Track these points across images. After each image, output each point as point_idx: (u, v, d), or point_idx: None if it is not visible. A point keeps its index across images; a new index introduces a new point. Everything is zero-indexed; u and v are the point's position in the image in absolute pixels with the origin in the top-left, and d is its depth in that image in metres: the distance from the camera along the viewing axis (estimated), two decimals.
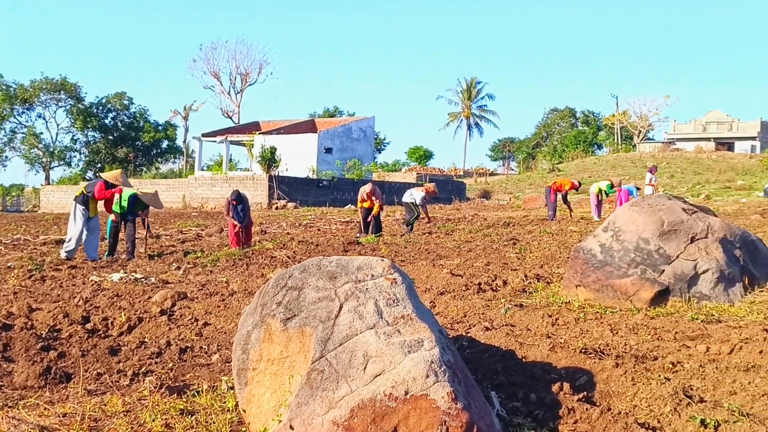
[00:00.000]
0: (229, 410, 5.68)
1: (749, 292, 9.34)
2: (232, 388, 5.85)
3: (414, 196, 22.56)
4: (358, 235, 20.93)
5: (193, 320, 9.37)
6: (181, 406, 5.76)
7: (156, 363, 7.47)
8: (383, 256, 14.82)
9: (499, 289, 10.88)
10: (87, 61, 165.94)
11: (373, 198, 20.93)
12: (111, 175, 15.97)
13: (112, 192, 15.65)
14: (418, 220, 23.16)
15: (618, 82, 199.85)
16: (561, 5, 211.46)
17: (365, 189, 21.03)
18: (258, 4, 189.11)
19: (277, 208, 41.28)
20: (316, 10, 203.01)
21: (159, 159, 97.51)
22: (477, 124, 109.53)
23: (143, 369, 7.21)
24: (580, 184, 27.91)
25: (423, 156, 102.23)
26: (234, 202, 17.35)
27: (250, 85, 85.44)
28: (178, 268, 14.15)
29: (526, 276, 11.68)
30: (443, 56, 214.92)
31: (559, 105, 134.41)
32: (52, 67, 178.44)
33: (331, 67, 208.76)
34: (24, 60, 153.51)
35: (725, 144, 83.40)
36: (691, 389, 5.88)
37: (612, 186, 26.98)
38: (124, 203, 15.82)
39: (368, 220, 21.19)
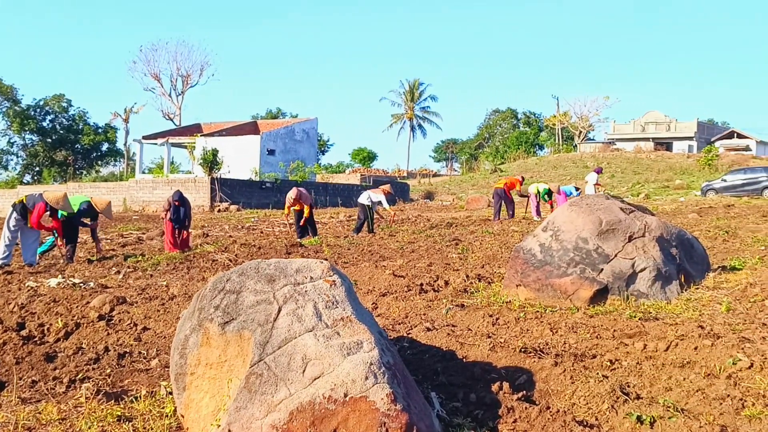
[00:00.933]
0: (167, 416, 5.62)
1: (685, 290, 9.51)
2: (171, 393, 5.79)
3: (372, 198, 22.51)
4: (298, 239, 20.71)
5: (132, 325, 9.24)
6: (119, 413, 5.68)
7: (93, 369, 7.36)
8: (325, 258, 14.79)
9: (440, 289, 10.92)
10: (23, 63, 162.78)
11: (301, 201, 20.51)
12: (53, 198, 15.42)
13: (43, 216, 15.24)
14: (375, 221, 23.24)
15: (559, 84, 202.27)
16: (502, 7, 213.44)
17: (291, 195, 20.36)
18: (199, 6, 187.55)
19: (219, 210, 40.95)
20: (258, 10, 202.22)
21: (99, 162, 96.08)
22: (420, 126, 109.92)
23: (80, 375, 7.09)
24: (523, 178, 28.31)
25: (367, 157, 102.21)
26: (176, 203, 17.13)
27: (191, 86, 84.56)
28: (118, 272, 13.95)
29: (467, 276, 11.74)
30: (386, 58, 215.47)
31: (500, 106, 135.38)
32: None
33: (274, 69, 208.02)
34: None
35: (664, 144, 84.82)
36: (629, 386, 5.97)
37: (550, 193, 27.36)
38: (75, 208, 15.56)
39: (301, 224, 20.62)
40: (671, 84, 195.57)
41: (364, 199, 22.60)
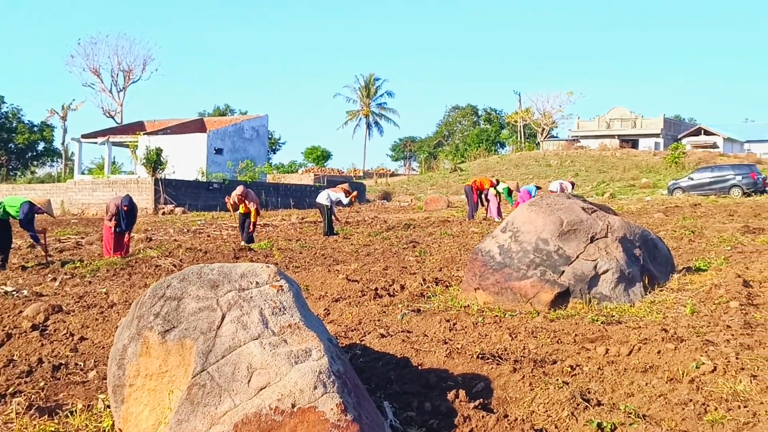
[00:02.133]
0: (104, 430, 5.57)
1: (649, 292, 9.64)
2: (109, 406, 5.74)
3: (332, 197, 22.48)
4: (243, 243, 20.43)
5: (68, 335, 9.14)
6: (53, 428, 5.63)
7: (26, 382, 7.26)
8: (276, 263, 14.76)
9: (396, 294, 10.95)
10: None
11: (246, 202, 20.13)
12: None
13: None
14: (336, 221, 23.28)
15: (521, 79, 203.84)
16: (461, 0, 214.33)
17: (237, 192, 20.02)
18: None
19: (163, 213, 40.62)
20: (204, 3, 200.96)
21: (35, 162, 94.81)
22: (376, 123, 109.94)
23: (11, 389, 7.00)
24: (498, 182, 28.36)
25: (321, 156, 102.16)
26: (125, 208, 16.89)
27: (133, 82, 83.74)
28: (54, 279, 13.79)
29: (424, 280, 11.79)
30: (340, 52, 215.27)
31: (460, 102, 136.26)
32: None
33: (222, 64, 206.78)
34: None
35: (629, 141, 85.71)
36: (589, 392, 6.04)
37: (510, 192, 27.56)
38: (12, 210, 15.36)
39: (246, 226, 20.21)
40: (637, 79, 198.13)
41: (322, 198, 22.55)
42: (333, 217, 22.82)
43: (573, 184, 30.31)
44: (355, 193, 24.06)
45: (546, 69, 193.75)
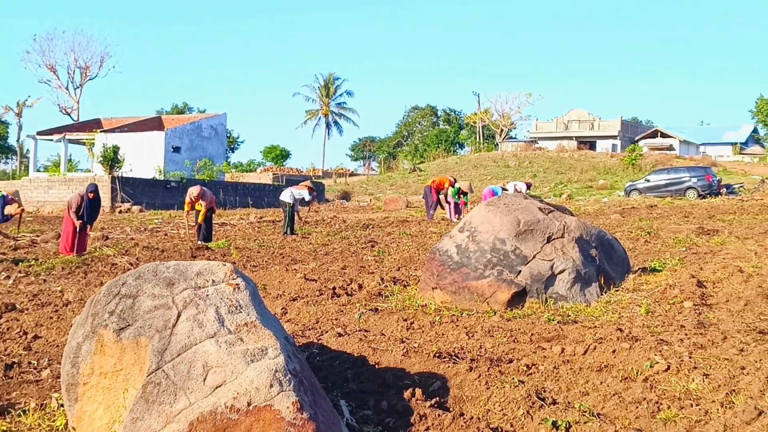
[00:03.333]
0: (57, 429, 5.53)
1: (605, 292, 9.73)
2: (63, 405, 5.68)
3: (295, 194, 22.41)
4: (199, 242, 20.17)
5: (21, 333, 9.04)
6: (4, 428, 5.57)
7: None
8: (233, 262, 14.70)
9: (354, 293, 10.96)
10: None
11: (203, 201, 19.95)
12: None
13: None
14: (298, 221, 23.22)
15: (480, 80, 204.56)
16: (420, 0, 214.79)
17: (193, 191, 19.77)
18: None
19: (120, 211, 40.27)
20: (163, 1, 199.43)
21: None
22: (336, 122, 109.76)
23: None
24: (455, 180, 28.38)
25: (279, 155, 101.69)
26: (91, 195, 16.64)
27: (90, 79, 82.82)
28: (8, 277, 13.62)
29: (382, 279, 11.82)
30: (299, 51, 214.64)
31: (420, 103, 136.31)
32: None
33: (180, 62, 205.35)
34: None
35: (587, 143, 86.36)
36: (545, 391, 6.09)
37: (460, 192, 27.53)
38: None
39: (199, 224, 20.02)
40: (595, 81, 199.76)
41: (286, 196, 22.45)
42: (296, 216, 22.77)
43: (529, 185, 30.28)
44: (309, 183, 24.07)
45: (505, 70, 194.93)
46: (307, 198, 22.76)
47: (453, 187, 27.64)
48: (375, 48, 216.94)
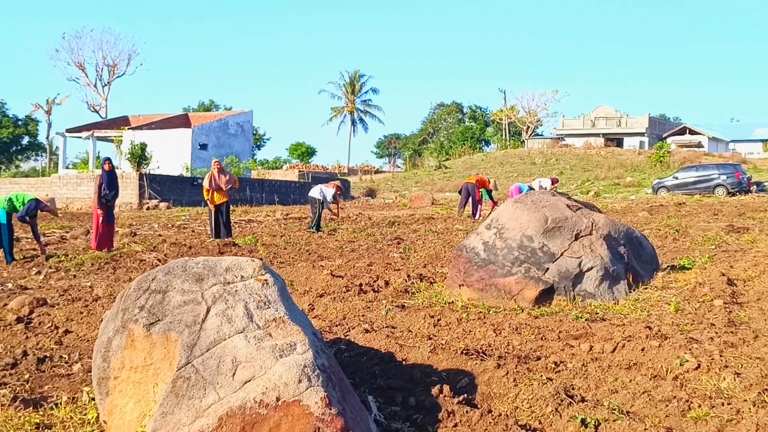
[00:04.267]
0: (89, 422, 5.56)
1: (633, 290, 9.68)
2: (94, 399, 5.73)
3: (324, 192, 22.47)
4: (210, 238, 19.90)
5: (53, 328, 9.13)
6: (37, 420, 5.62)
7: (11, 375, 7.24)
8: (260, 258, 14.74)
9: (380, 290, 10.96)
10: None
11: (225, 183, 19.36)
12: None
13: None
14: (323, 218, 23.23)
15: (506, 77, 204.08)
16: None
17: (213, 165, 19.34)
18: None
19: (148, 208, 40.48)
20: None
21: (19, 156, 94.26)
22: (361, 120, 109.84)
23: None
24: (489, 181, 28.33)
25: (305, 153, 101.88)
26: (106, 167, 16.69)
27: (118, 77, 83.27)
28: (39, 272, 13.74)
29: (409, 276, 11.80)
30: (325, 48, 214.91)
31: (445, 100, 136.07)
32: None
33: (207, 59, 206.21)
34: None
35: (614, 140, 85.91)
36: (573, 389, 6.07)
37: (490, 193, 27.48)
38: (17, 204, 15.39)
39: (216, 218, 19.59)
40: (622, 78, 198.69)
41: (315, 193, 22.51)
42: (323, 213, 22.81)
43: (554, 181, 30.04)
44: (338, 183, 24.09)
45: (531, 67, 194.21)
46: (329, 199, 22.76)
47: (489, 192, 27.67)
48: (400, 45, 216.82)
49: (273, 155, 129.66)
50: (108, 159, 17.27)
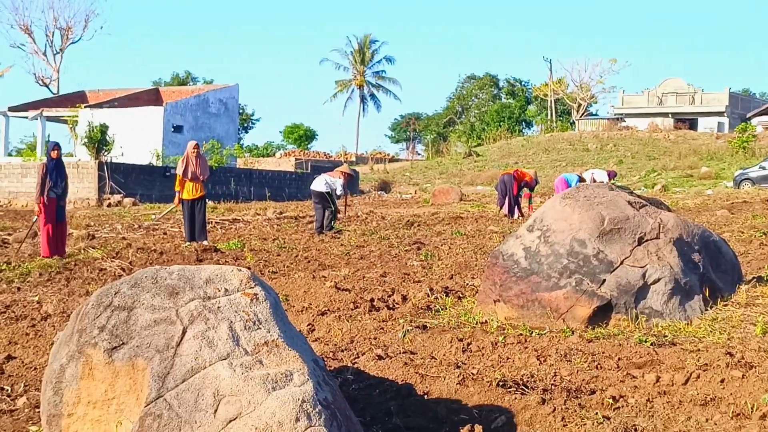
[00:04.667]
0: None
1: (710, 307, 9.63)
2: None
3: (330, 184, 22.44)
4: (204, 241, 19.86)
5: None
6: None
7: None
8: (248, 267, 14.76)
9: (396, 306, 10.96)
10: None
11: (200, 169, 19.48)
12: None
13: None
14: (337, 217, 23.21)
15: (552, 43, 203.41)
16: None
17: (189, 148, 19.37)
18: None
19: (110, 205, 40.64)
20: None
21: None
22: (373, 96, 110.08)
23: None
24: (537, 182, 28.26)
25: (303, 137, 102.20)
26: (54, 154, 16.83)
27: (73, 42, 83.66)
28: None
29: (431, 289, 11.80)
30: (328, 7, 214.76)
31: (477, 71, 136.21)
32: None
33: (182, 21, 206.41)
34: None
35: (686, 120, 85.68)
36: (636, 429, 6.06)
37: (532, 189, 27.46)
38: None
39: (194, 216, 19.58)
40: (696, 45, 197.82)
41: (320, 185, 22.42)
42: (335, 208, 22.80)
43: (612, 175, 29.76)
44: (345, 168, 24.05)
45: (583, 31, 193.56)
46: (339, 192, 22.69)
47: (531, 189, 27.62)
48: (421, 3, 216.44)
49: (264, 140, 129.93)
50: (56, 144, 17.33)
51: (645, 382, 7.07)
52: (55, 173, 16.82)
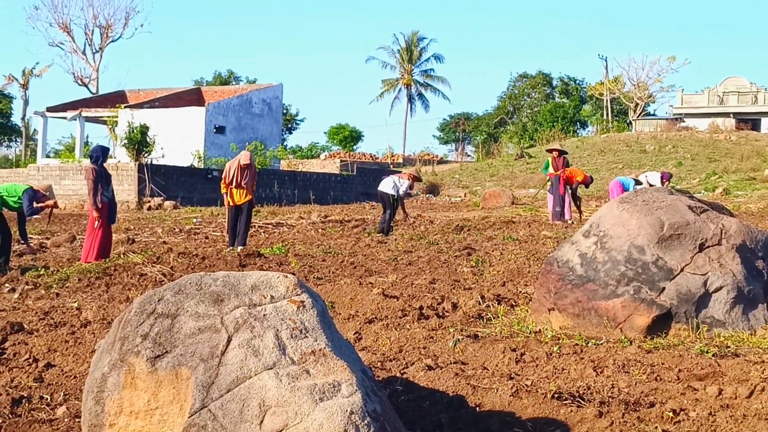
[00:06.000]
0: None
1: None
2: None
3: (398, 185, 22.65)
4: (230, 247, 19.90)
5: (31, 361, 9.24)
6: None
7: None
8: (292, 272, 14.80)
9: (446, 314, 10.95)
10: None
11: (248, 177, 19.48)
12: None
13: None
14: (394, 220, 23.39)
15: (608, 40, 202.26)
16: None
17: (242, 159, 19.33)
18: None
19: (150, 208, 40.90)
20: None
21: None
22: (420, 95, 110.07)
23: None
24: (592, 179, 28.05)
25: (349, 138, 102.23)
26: (98, 155, 17.21)
27: (113, 41, 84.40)
28: (13, 290, 13.93)
29: (483, 297, 11.78)
30: (374, 4, 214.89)
31: (529, 70, 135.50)
32: None
33: (225, 19, 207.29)
34: None
35: (749, 121, 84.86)
36: None
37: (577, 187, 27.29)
38: (11, 201, 16.03)
39: (242, 220, 19.65)
40: (759, 42, 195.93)
41: (387, 187, 22.73)
42: (396, 212, 23.00)
43: (667, 177, 29.17)
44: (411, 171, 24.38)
45: (641, 27, 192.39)
46: (403, 190, 22.98)
47: (587, 186, 27.41)
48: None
49: (308, 141, 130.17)
50: (101, 150, 17.57)
51: (707, 394, 7.02)
52: (105, 180, 17.06)
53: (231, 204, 19.67)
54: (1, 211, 16.18)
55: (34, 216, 16.68)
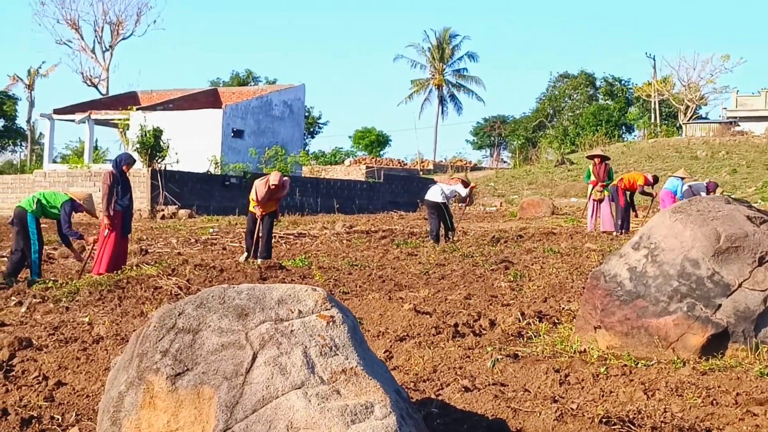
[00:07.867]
0: None
1: None
2: None
3: (448, 193, 22.86)
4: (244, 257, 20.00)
5: (41, 378, 9.28)
6: None
7: None
8: (318, 286, 14.80)
9: (484, 332, 10.94)
10: None
11: (280, 194, 20.00)
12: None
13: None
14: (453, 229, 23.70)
15: (656, 37, 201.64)
16: None
17: (272, 180, 19.43)
18: None
19: (163, 217, 41.02)
20: None
21: None
22: (453, 96, 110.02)
23: None
24: (656, 179, 27.74)
25: (375, 142, 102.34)
26: (126, 168, 17.31)
27: (123, 38, 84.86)
28: (20, 303, 14.00)
29: (523, 314, 11.76)
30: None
31: (571, 69, 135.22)
32: None
33: (244, 16, 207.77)
34: None
35: None
36: None
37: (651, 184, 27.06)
38: (51, 209, 16.28)
39: (261, 232, 19.96)
40: None
41: (436, 195, 22.94)
42: (451, 215, 23.26)
43: (712, 187, 28.54)
44: (473, 184, 24.57)
45: (692, 24, 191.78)
46: (464, 194, 23.35)
47: (652, 186, 27.14)
48: None
49: (332, 145, 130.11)
50: (127, 158, 17.71)
51: (767, 420, 6.99)
52: (123, 188, 17.15)
53: (254, 213, 19.79)
54: (39, 218, 16.37)
55: (71, 236, 16.78)
